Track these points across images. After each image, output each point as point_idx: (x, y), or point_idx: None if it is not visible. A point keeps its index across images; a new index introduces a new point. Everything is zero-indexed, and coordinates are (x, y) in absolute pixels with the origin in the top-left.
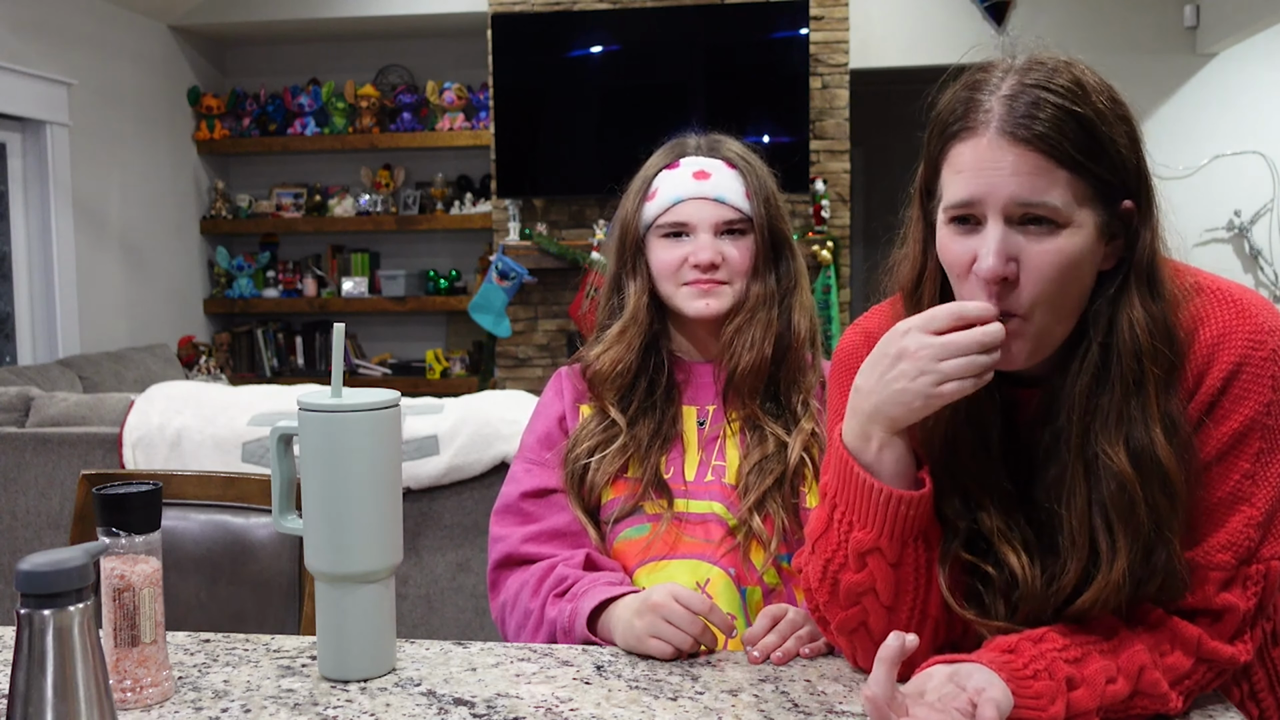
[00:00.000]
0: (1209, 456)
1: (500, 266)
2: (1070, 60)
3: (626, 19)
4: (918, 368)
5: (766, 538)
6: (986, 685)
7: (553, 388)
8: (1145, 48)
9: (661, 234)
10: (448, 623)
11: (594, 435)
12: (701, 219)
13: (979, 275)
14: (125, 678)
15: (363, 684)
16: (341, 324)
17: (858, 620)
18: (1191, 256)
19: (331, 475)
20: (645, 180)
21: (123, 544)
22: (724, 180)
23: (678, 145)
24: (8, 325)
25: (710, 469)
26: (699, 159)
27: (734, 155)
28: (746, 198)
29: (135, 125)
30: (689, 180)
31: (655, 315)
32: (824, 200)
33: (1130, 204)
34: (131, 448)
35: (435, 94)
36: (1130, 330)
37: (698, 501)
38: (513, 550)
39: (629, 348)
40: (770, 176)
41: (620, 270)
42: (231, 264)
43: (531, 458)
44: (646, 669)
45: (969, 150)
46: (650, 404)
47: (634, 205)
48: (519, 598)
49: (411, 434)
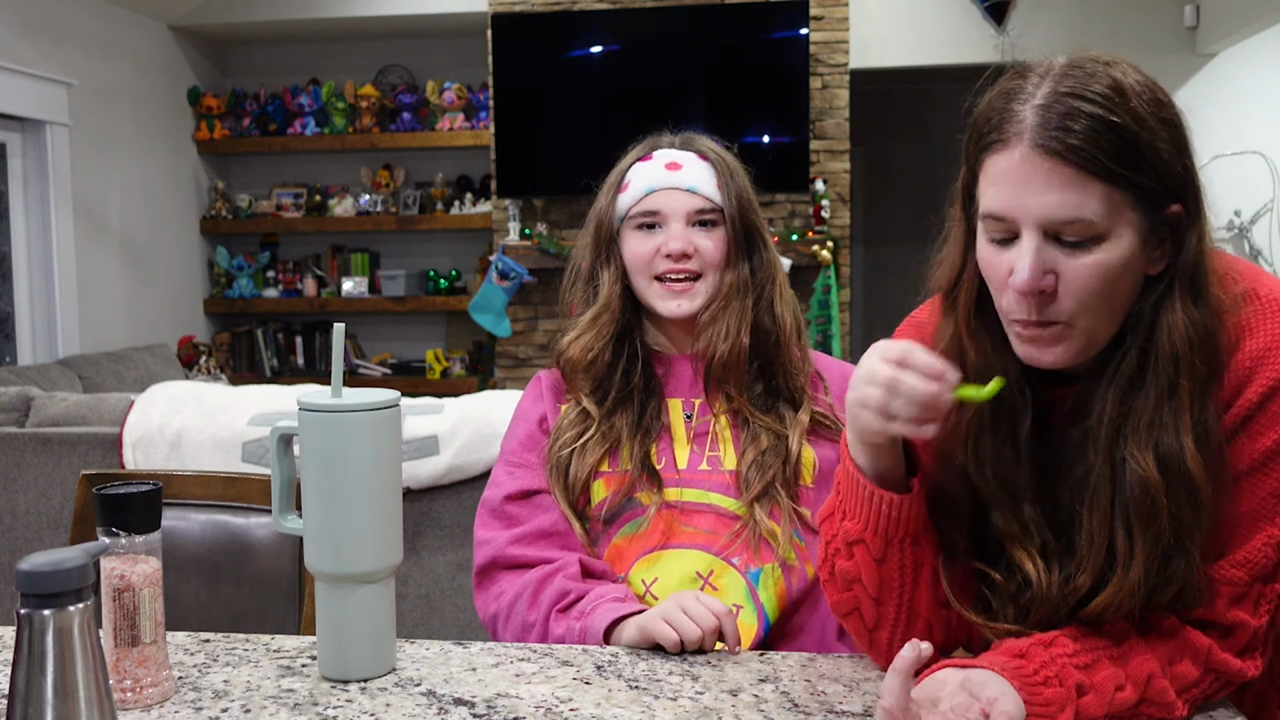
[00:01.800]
0: (1239, 470)
1: (500, 266)
2: (1111, 61)
3: (626, 19)
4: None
5: (772, 530)
6: (999, 696)
7: (532, 392)
8: (1145, 48)
9: (634, 225)
10: (448, 623)
11: (574, 426)
12: (674, 209)
13: (1013, 288)
14: (125, 678)
15: (363, 684)
16: (341, 324)
17: (850, 605)
18: None
19: (331, 475)
20: (620, 173)
21: (123, 544)
22: (696, 171)
23: (651, 140)
24: (8, 325)
25: (705, 459)
26: (672, 151)
27: (706, 149)
28: (718, 189)
29: (135, 125)
30: (661, 171)
31: (628, 305)
32: (824, 200)
33: (1178, 208)
34: (131, 448)
35: (435, 94)
36: (1169, 336)
37: (693, 490)
38: (499, 553)
39: (600, 335)
40: (743, 172)
41: (594, 262)
42: (231, 264)
43: (514, 460)
44: (646, 669)
45: (1003, 162)
46: (628, 394)
47: (608, 199)
48: (514, 609)
49: (411, 434)
